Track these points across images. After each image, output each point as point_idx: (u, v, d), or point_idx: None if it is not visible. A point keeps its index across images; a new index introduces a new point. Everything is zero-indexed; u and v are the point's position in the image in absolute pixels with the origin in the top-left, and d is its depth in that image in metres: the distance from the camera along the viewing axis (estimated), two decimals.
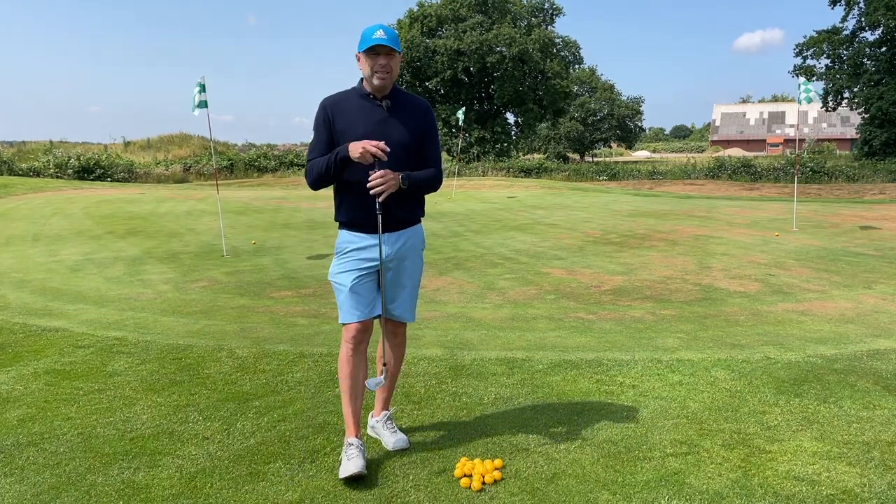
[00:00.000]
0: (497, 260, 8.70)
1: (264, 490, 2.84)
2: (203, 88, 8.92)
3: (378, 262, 3.01)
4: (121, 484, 2.90)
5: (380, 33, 2.86)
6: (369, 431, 3.40)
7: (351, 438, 3.04)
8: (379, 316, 3.10)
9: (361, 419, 3.43)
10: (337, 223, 3.14)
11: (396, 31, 2.92)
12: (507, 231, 11.84)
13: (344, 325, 3.05)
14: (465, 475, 2.90)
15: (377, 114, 2.96)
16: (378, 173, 2.83)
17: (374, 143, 2.79)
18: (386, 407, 3.35)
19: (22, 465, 3.09)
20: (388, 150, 2.81)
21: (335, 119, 2.97)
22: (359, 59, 2.95)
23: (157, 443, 3.30)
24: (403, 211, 3.04)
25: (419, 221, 3.18)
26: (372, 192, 2.85)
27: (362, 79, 3.01)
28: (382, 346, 3.25)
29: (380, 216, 2.92)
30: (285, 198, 20.00)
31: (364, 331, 3.06)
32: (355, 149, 2.80)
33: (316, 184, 3.00)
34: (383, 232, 2.99)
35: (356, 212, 2.99)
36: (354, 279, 3.00)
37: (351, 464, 2.90)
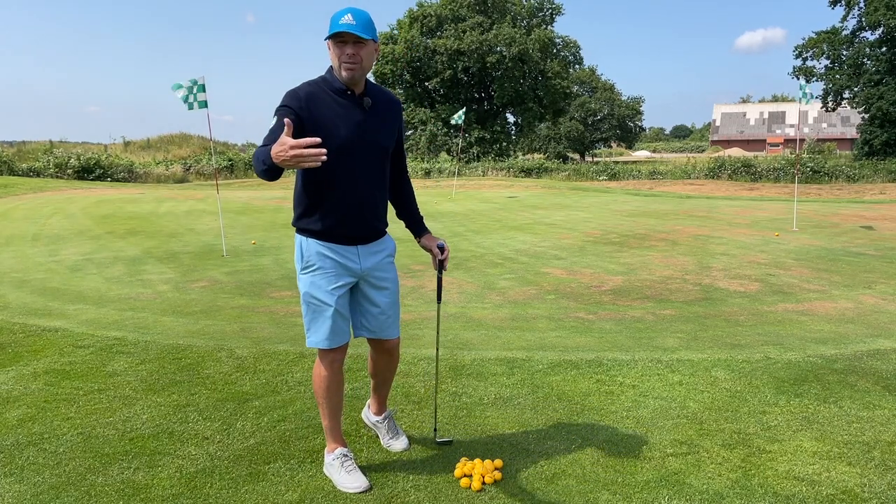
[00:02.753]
0: (497, 260, 8.70)
1: (264, 490, 2.84)
2: (203, 88, 8.92)
3: (355, 279, 2.83)
4: (121, 484, 2.90)
5: (347, 18, 2.52)
6: (366, 421, 3.37)
7: (342, 449, 2.95)
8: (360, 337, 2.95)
9: (344, 411, 3.43)
10: (296, 229, 2.81)
11: (369, 15, 2.59)
12: (507, 231, 11.84)
13: (325, 349, 2.81)
14: (465, 475, 2.90)
15: (356, 114, 2.67)
16: (446, 252, 3.00)
17: (307, 145, 2.18)
18: (384, 407, 3.32)
19: (22, 465, 3.09)
20: (324, 156, 2.20)
21: (311, 114, 2.59)
22: (329, 48, 2.63)
23: (157, 443, 3.30)
24: (381, 221, 2.88)
25: (386, 231, 2.97)
26: (445, 267, 3.03)
27: (331, 67, 2.69)
28: (376, 364, 3.13)
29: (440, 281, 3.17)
30: (285, 198, 19.99)
31: (345, 350, 2.88)
32: (279, 149, 2.22)
33: (263, 176, 2.41)
34: (359, 244, 2.80)
35: (334, 221, 2.71)
36: (337, 298, 2.76)
37: (354, 477, 2.84)
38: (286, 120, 2.29)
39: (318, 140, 2.21)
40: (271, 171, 2.36)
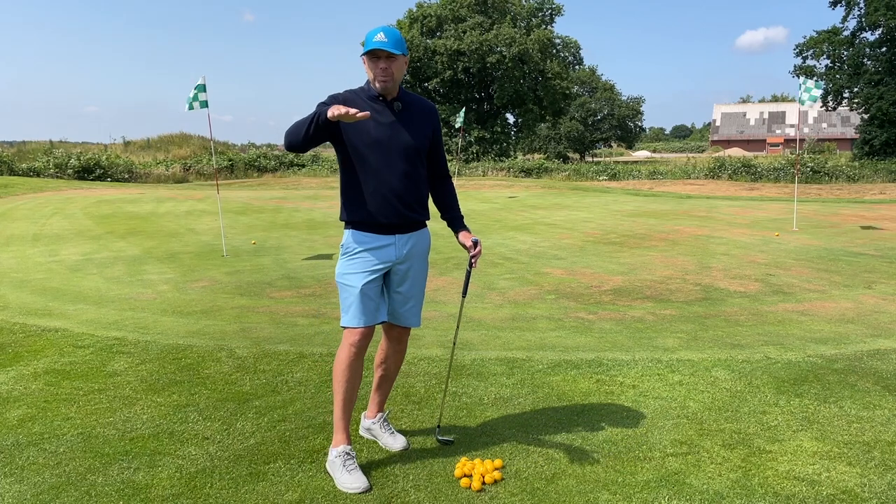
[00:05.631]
0: (497, 260, 8.70)
1: (264, 490, 2.84)
2: (203, 88, 8.93)
3: (388, 265, 2.99)
4: (121, 484, 2.90)
5: (380, 36, 2.82)
6: (363, 433, 3.38)
7: (346, 447, 2.96)
8: (383, 322, 3.06)
9: (352, 420, 3.42)
10: (343, 222, 3.06)
11: (399, 33, 2.93)
12: (507, 231, 11.84)
13: (349, 328, 2.97)
14: (465, 475, 2.90)
15: (387, 116, 2.93)
16: (479, 249, 3.11)
17: (351, 110, 2.57)
18: (381, 409, 3.33)
19: (22, 465, 3.09)
20: (368, 115, 2.60)
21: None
22: (364, 62, 2.94)
23: (157, 443, 3.30)
24: (416, 213, 3.03)
25: (426, 223, 3.16)
26: (474, 263, 3.13)
27: (368, 80, 2.99)
28: (384, 352, 3.22)
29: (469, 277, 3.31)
30: (285, 198, 20.00)
31: (368, 335, 2.99)
32: (334, 109, 2.58)
33: (291, 136, 2.76)
34: (396, 233, 2.98)
35: (370, 211, 2.93)
36: (365, 281, 2.93)
37: (354, 477, 2.85)
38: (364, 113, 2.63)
39: (367, 114, 2.62)
40: (311, 127, 2.70)
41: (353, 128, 2.88)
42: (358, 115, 2.58)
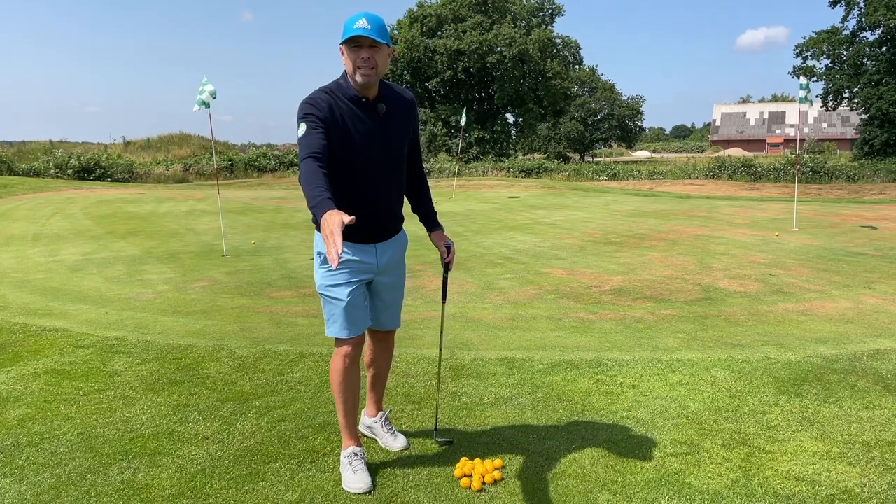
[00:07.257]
0: (497, 260, 8.70)
1: (264, 490, 2.84)
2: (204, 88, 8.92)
3: (371, 275, 2.89)
4: (121, 484, 2.90)
5: (362, 22, 2.53)
6: (363, 430, 3.37)
7: (354, 448, 2.96)
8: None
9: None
10: (316, 226, 2.76)
11: (383, 20, 2.61)
12: (507, 231, 11.84)
13: (340, 339, 2.87)
14: (465, 475, 2.90)
15: (371, 123, 2.69)
16: (452, 253, 3.05)
17: (336, 248, 2.03)
18: (380, 407, 3.33)
19: (22, 465, 3.09)
20: (341, 260, 2.19)
21: (329, 124, 2.60)
22: (342, 52, 2.63)
23: (157, 443, 3.30)
24: (397, 221, 2.95)
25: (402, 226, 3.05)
26: (450, 268, 3.08)
27: (345, 73, 2.69)
28: (372, 353, 3.19)
29: (447, 282, 3.27)
30: (285, 198, 20.00)
31: (360, 343, 2.93)
32: (325, 229, 2.10)
33: (302, 186, 2.43)
34: (375, 242, 2.87)
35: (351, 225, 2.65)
36: (351, 292, 2.81)
37: (358, 477, 2.85)
38: (349, 218, 2.13)
39: (342, 258, 2.09)
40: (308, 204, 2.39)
41: (336, 136, 2.61)
42: (346, 220, 2.09)
